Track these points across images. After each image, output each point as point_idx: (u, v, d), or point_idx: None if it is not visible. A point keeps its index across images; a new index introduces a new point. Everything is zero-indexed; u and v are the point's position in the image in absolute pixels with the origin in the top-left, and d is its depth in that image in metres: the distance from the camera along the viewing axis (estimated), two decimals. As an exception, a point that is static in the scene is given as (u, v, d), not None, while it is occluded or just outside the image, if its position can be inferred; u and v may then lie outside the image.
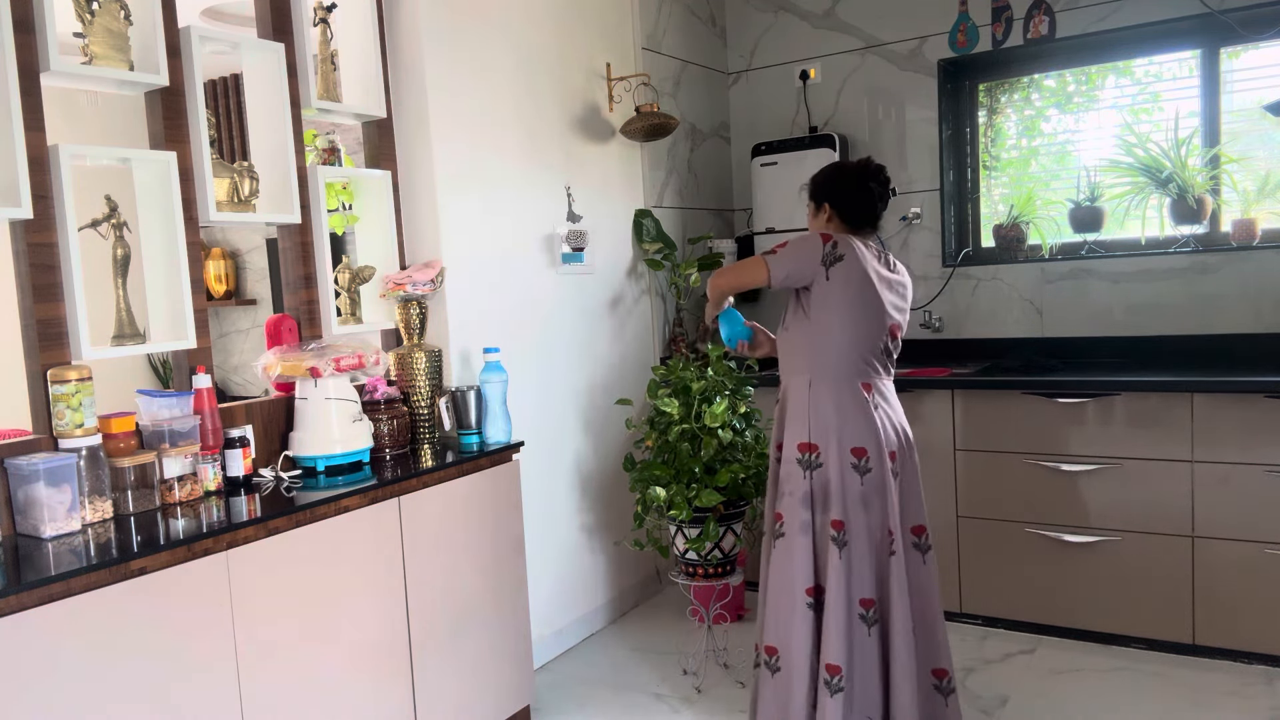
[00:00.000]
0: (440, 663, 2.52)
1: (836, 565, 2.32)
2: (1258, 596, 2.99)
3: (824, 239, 2.34)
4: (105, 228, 2.28)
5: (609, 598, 3.70)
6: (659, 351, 3.96)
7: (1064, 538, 3.25)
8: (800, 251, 2.34)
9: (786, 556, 2.38)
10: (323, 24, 2.74)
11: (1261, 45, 3.40)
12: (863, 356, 2.38)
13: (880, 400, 2.40)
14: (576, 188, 3.54)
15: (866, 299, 2.35)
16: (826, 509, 2.35)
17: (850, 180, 2.45)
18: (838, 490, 2.34)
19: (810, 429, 2.37)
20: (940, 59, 3.89)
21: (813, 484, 2.37)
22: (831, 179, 2.48)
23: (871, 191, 2.43)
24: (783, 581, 2.38)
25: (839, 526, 2.33)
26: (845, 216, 2.45)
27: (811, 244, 2.34)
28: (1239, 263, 3.40)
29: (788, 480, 2.41)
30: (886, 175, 2.47)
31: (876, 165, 2.46)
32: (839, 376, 2.37)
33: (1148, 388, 3.09)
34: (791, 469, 2.40)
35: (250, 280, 4.46)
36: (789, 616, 2.37)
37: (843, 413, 2.35)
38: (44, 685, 1.68)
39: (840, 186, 2.45)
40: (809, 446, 2.37)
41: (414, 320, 2.82)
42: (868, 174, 2.44)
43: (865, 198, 2.43)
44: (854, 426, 2.35)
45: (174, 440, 2.21)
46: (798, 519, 2.37)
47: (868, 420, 2.36)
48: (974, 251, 4.02)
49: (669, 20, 4.05)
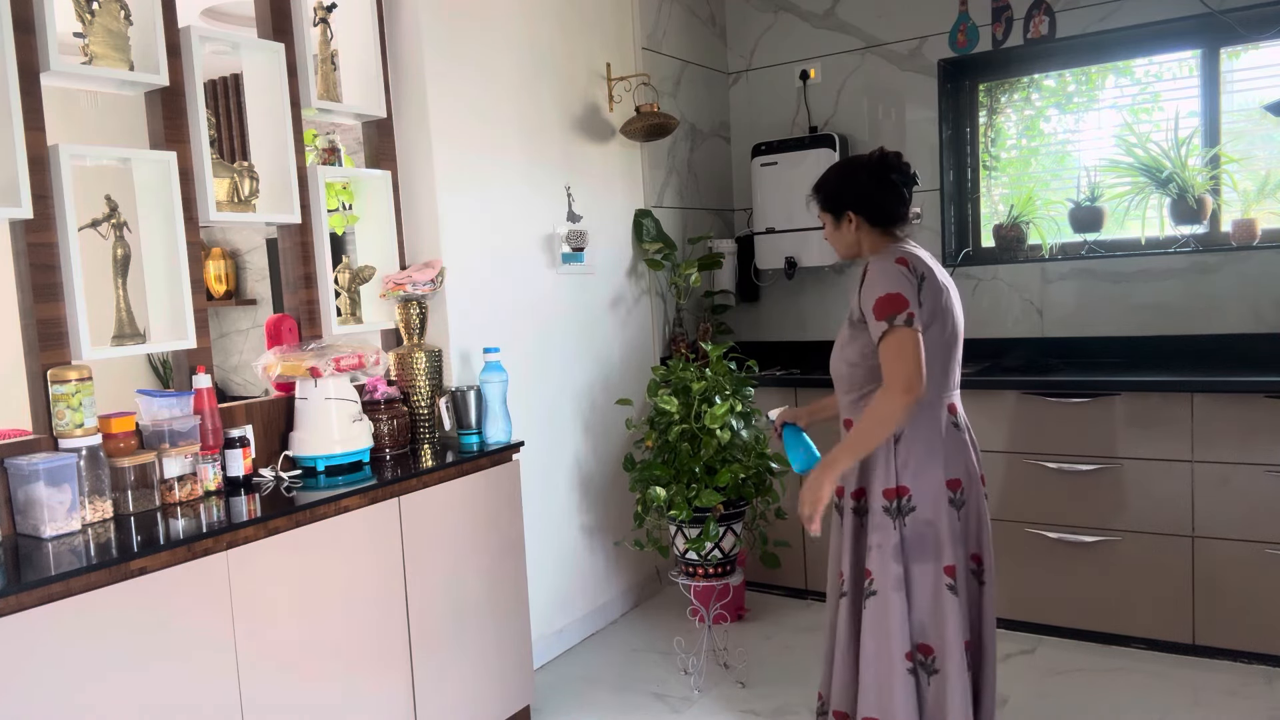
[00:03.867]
0: (440, 663, 2.52)
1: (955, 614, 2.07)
2: (1258, 596, 2.99)
3: (900, 263, 2.06)
4: (105, 228, 2.28)
5: (609, 598, 3.70)
6: (659, 351, 3.96)
7: (1064, 538, 3.25)
8: (904, 288, 2.03)
9: (882, 615, 2.10)
10: (323, 24, 2.74)
11: (1261, 45, 3.40)
12: (949, 377, 2.14)
13: (963, 418, 2.18)
14: (576, 188, 3.54)
15: (950, 313, 2.12)
16: (925, 557, 2.09)
17: (869, 176, 2.16)
18: (936, 534, 2.08)
19: (898, 472, 2.10)
20: (940, 59, 3.89)
21: (904, 532, 2.09)
22: (848, 180, 2.19)
23: (895, 184, 2.15)
24: (879, 646, 2.11)
25: (951, 573, 2.08)
26: (875, 219, 2.16)
27: (898, 276, 2.04)
28: (1239, 263, 3.40)
29: (877, 531, 2.12)
30: (906, 161, 2.19)
31: (894, 153, 2.18)
32: (929, 403, 2.09)
33: (1148, 388, 3.09)
34: (880, 520, 2.11)
35: (250, 280, 4.46)
36: (888, 682, 2.09)
37: (931, 445, 2.10)
38: (44, 685, 1.68)
39: (861, 187, 2.16)
40: (898, 491, 2.10)
41: (414, 320, 2.82)
42: (886, 165, 2.16)
43: (892, 192, 2.15)
44: (948, 458, 2.10)
45: (174, 440, 2.21)
46: (890, 574, 2.09)
47: (959, 447, 2.12)
48: (974, 251, 4.02)
49: (669, 20, 4.05)
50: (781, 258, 4.07)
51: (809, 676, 3.12)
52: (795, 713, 2.90)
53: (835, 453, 2.08)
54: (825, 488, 2.07)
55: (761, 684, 3.09)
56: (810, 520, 2.08)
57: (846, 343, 2.18)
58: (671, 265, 3.88)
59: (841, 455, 2.07)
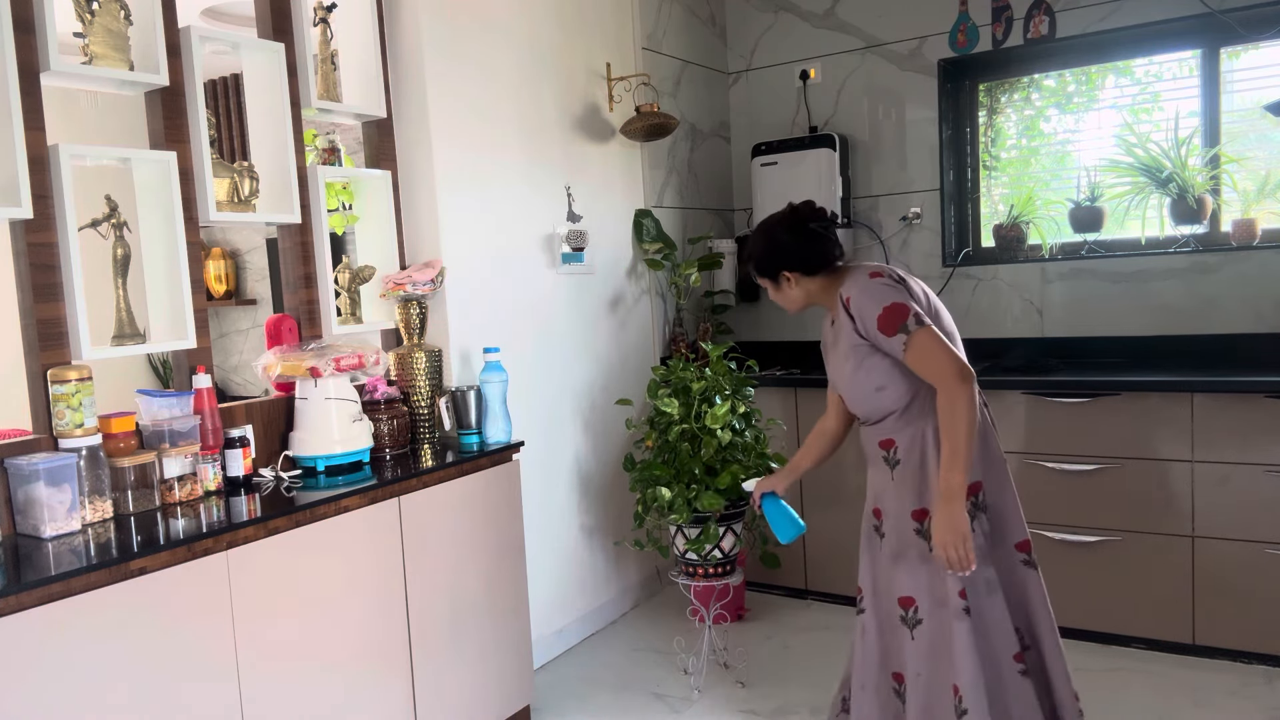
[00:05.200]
0: (440, 663, 2.52)
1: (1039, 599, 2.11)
2: (1258, 596, 2.99)
3: (875, 276, 2.07)
4: (105, 228, 2.28)
5: (609, 598, 3.70)
6: (659, 351, 3.96)
7: (1064, 538, 3.25)
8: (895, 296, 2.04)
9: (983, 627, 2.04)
10: (323, 24, 2.74)
11: (1261, 45, 3.40)
12: None
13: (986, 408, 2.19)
14: (576, 188, 3.54)
15: (937, 311, 2.14)
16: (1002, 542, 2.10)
17: (788, 233, 2.16)
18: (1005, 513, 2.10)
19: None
20: (940, 59, 3.89)
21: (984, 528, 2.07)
22: (770, 243, 2.18)
23: (815, 232, 2.14)
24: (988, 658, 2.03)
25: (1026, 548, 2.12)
26: (810, 269, 2.15)
27: (882, 288, 2.05)
28: (1239, 263, 3.40)
29: None
30: (820, 207, 2.19)
31: (804, 204, 2.19)
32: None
33: (1148, 388, 3.09)
34: None
35: (250, 280, 4.46)
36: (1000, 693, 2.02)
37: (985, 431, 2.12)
38: (44, 685, 1.68)
39: (784, 246, 2.15)
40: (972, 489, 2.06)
41: (414, 320, 2.82)
42: (800, 218, 2.17)
43: (815, 241, 2.14)
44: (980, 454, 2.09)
45: (174, 440, 2.21)
46: (980, 579, 2.04)
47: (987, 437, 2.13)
48: (974, 251, 4.02)
49: (669, 20, 4.05)
50: (781, 258, 4.07)
51: (809, 676, 3.12)
52: (795, 713, 2.90)
53: (945, 477, 1.97)
54: (960, 516, 1.95)
55: (761, 684, 3.09)
56: (964, 562, 1.96)
57: (858, 370, 2.12)
58: (671, 265, 3.88)
59: (951, 475, 1.96)
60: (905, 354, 2.01)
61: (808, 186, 4.00)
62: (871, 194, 4.12)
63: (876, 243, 4.09)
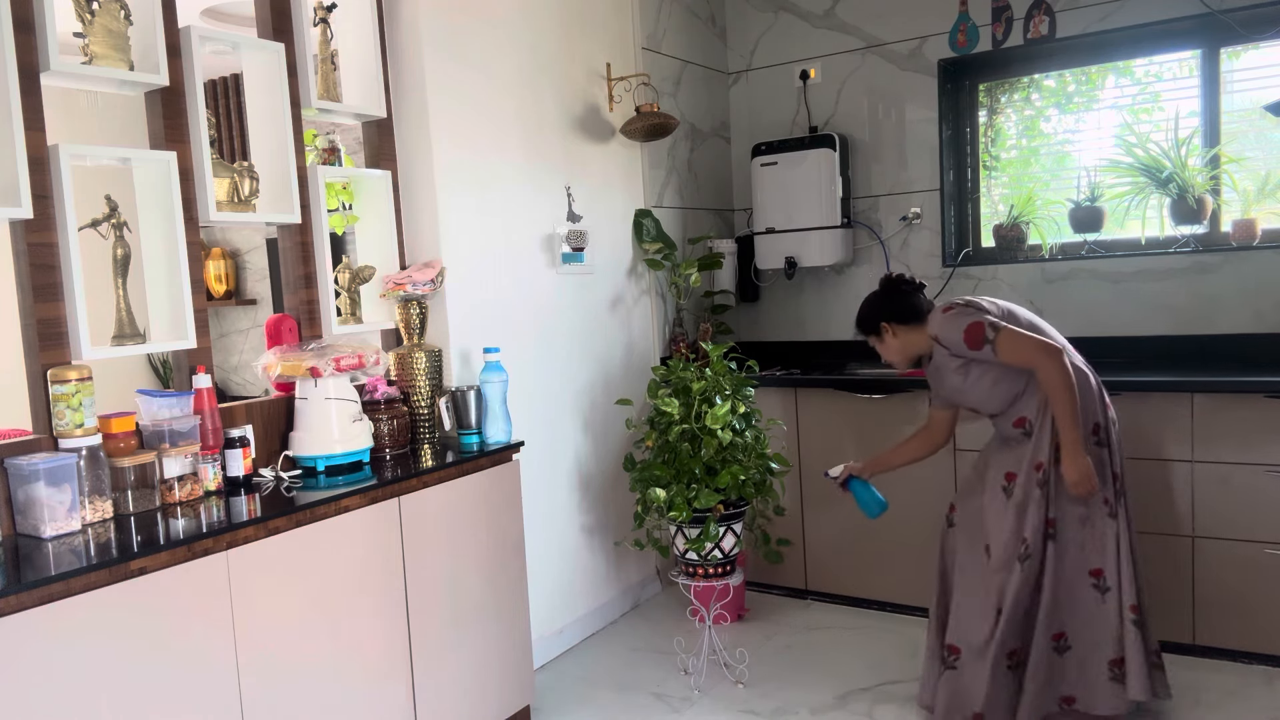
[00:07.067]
0: (440, 663, 2.52)
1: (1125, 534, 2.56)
2: (1258, 596, 2.99)
3: (947, 310, 2.58)
4: (105, 228, 2.28)
5: (609, 598, 3.70)
6: (659, 351, 3.96)
7: (1064, 538, 3.25)
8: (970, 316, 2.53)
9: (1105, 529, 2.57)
10: (323, 24, 2.74)
11: (1261, 45, 3.40)
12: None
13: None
14: (576, 187, 3.54)
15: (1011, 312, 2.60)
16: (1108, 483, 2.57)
17: (884, 295, 2.71)
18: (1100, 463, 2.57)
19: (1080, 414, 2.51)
20: (940, 59, 3.89)
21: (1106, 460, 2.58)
22: (872, 306, 2.72)
23: (905, 290, 2.70)
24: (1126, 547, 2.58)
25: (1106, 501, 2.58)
26: (904, 320, 2.67)
27: (956, 317, 2.55)
28: (1239, 263, 3.40)
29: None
30: (907, 276, 2.73)
31: (896, 275, 2.74)
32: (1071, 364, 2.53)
33: (1148, 388, 3.09)
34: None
35: (250, 280, 4.46)
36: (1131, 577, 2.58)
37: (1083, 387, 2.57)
38: (44, 685, 1.68)
39: (882, 305, 2.70)
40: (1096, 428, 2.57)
41: (414, 320, 2.82)
42: (893, 284, 2.72)
43: (905, 297, 2.69)
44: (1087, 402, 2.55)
45: (174, 440, 2.21)
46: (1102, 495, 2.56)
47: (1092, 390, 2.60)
48: (974, 251, 4.02)
49: (669, 20, 4.05)
50: (781, 258, 4.08)
51: (809, 676, 3.12)
52: (795, 713, 2.90)
53: (1063, 434, 2.47)
54: (1083, 460, 2.46)
55: (761, 684, 3.09)
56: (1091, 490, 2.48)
57: (968, 379, 2.60)
58: (671, 265, 3.88)
59: (1066, 432, 2.46)
60: (998, 357, 2.51)
61: (808, 186, 4.01)
62: (871, 194, 4.12)
63: (876, 243, 4.10)
